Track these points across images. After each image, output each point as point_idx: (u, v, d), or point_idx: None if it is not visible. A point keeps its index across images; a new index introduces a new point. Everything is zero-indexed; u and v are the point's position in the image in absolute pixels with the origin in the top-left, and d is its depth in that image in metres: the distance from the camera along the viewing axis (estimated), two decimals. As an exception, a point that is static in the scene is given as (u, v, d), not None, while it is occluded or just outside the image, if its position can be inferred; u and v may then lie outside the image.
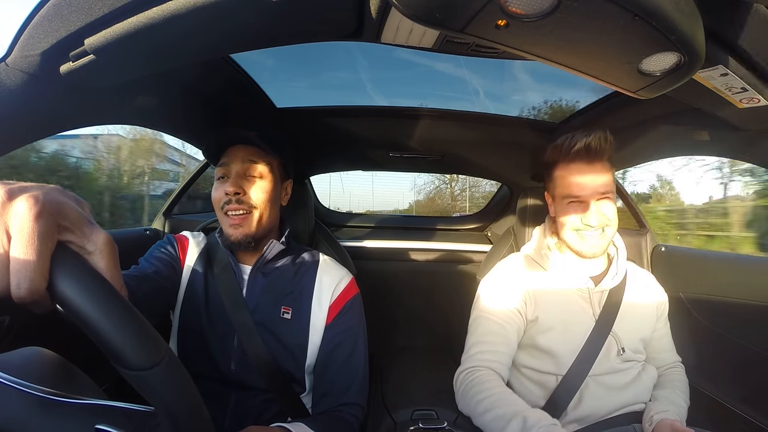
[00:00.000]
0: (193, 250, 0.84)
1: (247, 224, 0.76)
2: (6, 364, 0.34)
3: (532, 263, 0.95)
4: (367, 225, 1.81)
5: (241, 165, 0.78)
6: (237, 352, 0.75)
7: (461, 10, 0.39)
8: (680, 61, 0.45)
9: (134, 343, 0.31)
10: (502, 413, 0.72)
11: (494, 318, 0.88)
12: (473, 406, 0.78)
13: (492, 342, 0.86)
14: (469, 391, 0.80)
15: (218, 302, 0.77)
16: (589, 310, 0.87)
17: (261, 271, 0.81)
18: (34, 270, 0.27)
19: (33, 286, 0.27)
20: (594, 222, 0.83)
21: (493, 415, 0.73)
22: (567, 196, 0.86)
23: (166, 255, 0.80)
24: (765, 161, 0.83)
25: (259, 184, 0.78)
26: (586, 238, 0.85)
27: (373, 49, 0.97)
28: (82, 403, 0.34)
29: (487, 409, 0.75)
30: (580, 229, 0.85)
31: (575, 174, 0.85)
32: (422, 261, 1.69)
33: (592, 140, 0.82)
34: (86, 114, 0.70)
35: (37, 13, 0.47)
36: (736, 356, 0.97)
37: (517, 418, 0.70)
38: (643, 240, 1.24)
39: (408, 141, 1.26)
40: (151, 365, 0.31)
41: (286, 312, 0.78)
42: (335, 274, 0.85)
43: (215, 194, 0.78)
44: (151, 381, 0.32)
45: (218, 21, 0.49)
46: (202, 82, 0.85)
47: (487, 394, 0.77)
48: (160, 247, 0.82)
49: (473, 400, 0.78)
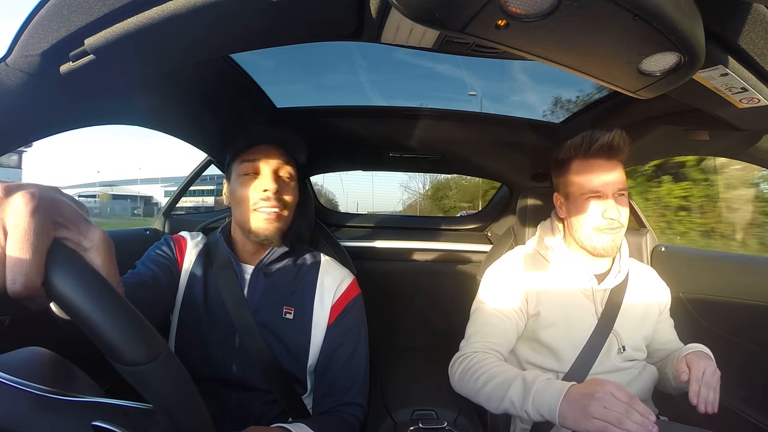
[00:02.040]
0: (192, 251, 0.83)
1: (280, 220, 0.77)
2: (6, 364, 0.34)
3: (536, 260, 0.95)
4: (367, 225, 1.81)
5: (276, 163, 0.78)
6: (238, 353, 0.75)
7: (461, 10, 0.39)
8: (680, 61, 0.45)
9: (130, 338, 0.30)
10: (502, 380, 0.74)
11: (494, 311, 0.88)
12: (472, 384, 0.78)
13: (490, 333, 0.87)
14: (467, 371, 0.81)
15: (219, 302, 0.77)
16: (592, 308, 0.87)
17: (263, 272, 0.80)
18: (29, 265, 0.27)
19: (28, 281, 0.27)
20: (615, 215, 0.82)
21: (492, 384, 0.74)
22: (587, 192, 0.85)
23: (163, 258, 0.80)
24: (765, 161, 0.83)
25: (290, 186, 0.80)
26: (608, 233, 0.84)
27: (373, 51, 0.97)
28: (79, 400, 0.33)
29: (486, 381, 0.76)
30: (600, 225, 0.84)
31: (595, 170, 0.84)
32: (422, 261, 1.69)
33: (614, 137, 0.82)
34: (86, 114, 0.70)
35: (37, 13, 0.47)
36: (736, 356, 0.97)
37: (517, 379, 0.71)
38: (643, 240, 1.24)
39: (408, 141, 1.26)
40: (148, 360, 0.31)
41: (288, 312, 0.78)
42: (337, 274, 0.85)
43: (243, 191, 0.76)
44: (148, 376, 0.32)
45: (218, 21, 0.49)
46: (202, 82, 0.85)
47: (486, 369, 0.78)
48: (156, 249, 0.82)
49: (472, 378, 0.78)
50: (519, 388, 0.70)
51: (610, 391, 0.60)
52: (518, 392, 0.70)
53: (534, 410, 0.67)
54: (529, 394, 0.68)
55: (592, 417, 0.58)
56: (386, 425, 0.99)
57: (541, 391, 0.67)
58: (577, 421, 0.60)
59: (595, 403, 0.59)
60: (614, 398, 0.59)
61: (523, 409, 0.68)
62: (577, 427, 0.61)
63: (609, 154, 0.84)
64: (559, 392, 0.65)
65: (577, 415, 0.61)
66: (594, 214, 0.84)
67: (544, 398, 0.66)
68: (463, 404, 1.07)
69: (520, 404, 0.69)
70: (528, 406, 0.67)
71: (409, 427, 0.94)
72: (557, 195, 0.94)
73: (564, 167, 0.90)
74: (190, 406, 0.36)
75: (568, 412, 0.62)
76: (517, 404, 0.69)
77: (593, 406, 0.59)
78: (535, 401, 0.67)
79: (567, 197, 0.90)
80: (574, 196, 0.87)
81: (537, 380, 0.69)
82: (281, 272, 0.82)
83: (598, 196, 0.84)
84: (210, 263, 0.81)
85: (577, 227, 0.88)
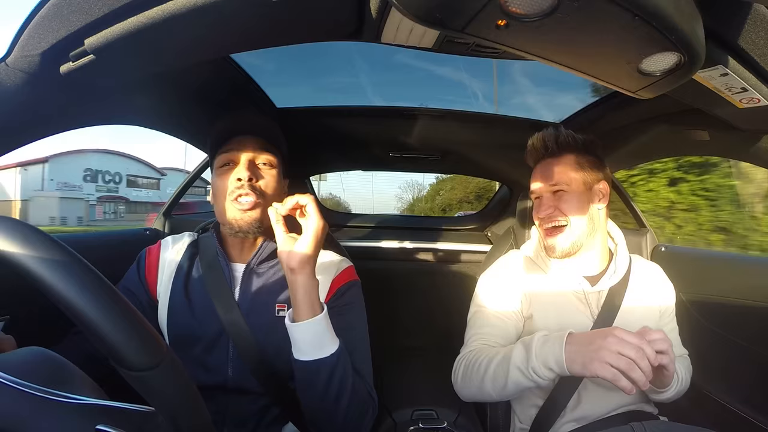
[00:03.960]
0: (173, 256, 0.80)
1: (257, 210, 0.73)
2: (6, 364, 0.34)
3: (531, 264, 0.94)
4: (367, 225, 1.81)
5: (252, 152, 0.75)
6: (233, 356, 0.73)
7: (461, 10, 0.39)
8: (680, 61, 0.45)
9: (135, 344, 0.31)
10: (502, 356, 0.74)
11: (493, 313, 0.88)
12: (475, 375, 0.77)
13: (491, 334, 0.86)
14: (468, 368, 0.80)
15: (208, 305, 0.74)
16: (587, 311, 0.86)
17: (254, 271, 0.78)
18: None
19: None
20: (541, 214, 0.85)
21: (494, 364, 0.74)
22: (531, 193, 0.90)
23: (133, 286, 0.77)
24: (765, 161, 0.83)
25: (269, 172, 0.77)
26: (550, 234, 0.86)
27: (374, 53, 0.97)
28: (82, 402, 0.34)
29: (487, 365, 0.75)
30: (540, 225, 0.88)
31: (535, 172, 0.90)
32: (422, 261, 1.69)
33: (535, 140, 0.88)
34: (86, 114, 0.70)
35: (37, 13, 0.47)
36: (736, 356, 0.97)
37: (516, 346, 0.72)
38: (643, 240, 1.24)
39: (408, 141, 1.26)
40: (152, 366, 0.31)
41: (281, 309, 0.76)
42: (331, 262, 0.84)
43: (220, 182, 0.74)
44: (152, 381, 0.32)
45: (218, 21, 0.49)
46: (203, 83, 0.85)
47: (484, 355, 0.78)
48: (128, 277, 0.79)
49: (473, 370, 0.78)
50: (520, 352, 0.70)
51: (620, 336, 0.61)
52: (520, 355, 0.70)
53: (541, 365, 0.67)
54: (531, 351, 0.68)
55: (604, 363, 0.59)
56: (386, 425, 0.99)
57: (541, 344, 0.68)
58: (586, 365, 0.61)
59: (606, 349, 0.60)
60: (626, 342, 0.60)
61: (529, 369, 0.68)
62: (586, 372, 0.62)
63: (540, 154, 0.88)
64: (560, 340, 0.66)
65: (586, 359, 0.61)
66: (535, 214, 0.89)
67: (546, 350, 0.67)
68: (463, 404, 1.07)
69: (525, 366, 0.68)
70: (533, 363, 0.67)
71: (409, 427, 0.94)
72: None
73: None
74: (193, 411, 0.36)
75: (576, 356, 0.63)
76: (523, 367, 0.69)
77: (604, 352, 0.60)
78: (538, 356, 0.67)
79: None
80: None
81: (534, 337, 0.70)
82: (273, 270, 0.79)
83: (535, 196, 0.89)
84: (198, 263, 0.79)
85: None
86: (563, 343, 0.65)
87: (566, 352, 0.64)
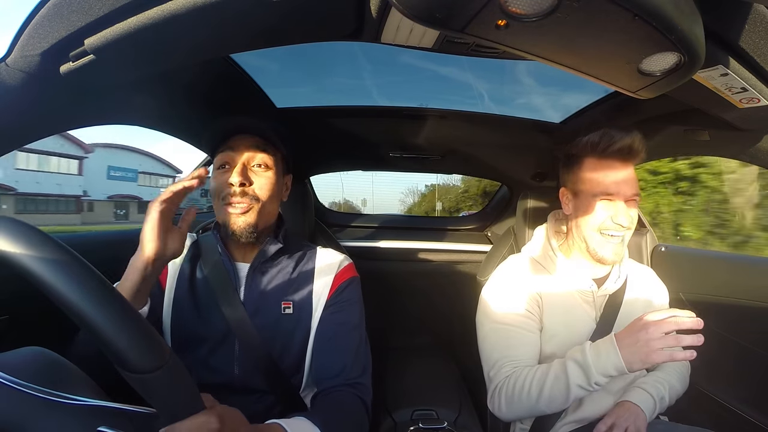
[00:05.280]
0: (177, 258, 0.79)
1: (250, 215, 0.73)
2: (6, 364, 0.34)
3: (537, 266, 0.92)
4: (367, 225, 1.81)
5: (247, 154, 0.75)
6: (239, 356, 0.73)
7: (461, 10, 0.39)
8: (680, 61, 0.45)
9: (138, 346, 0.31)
10: (553, 377, 0.75)
11: (516, 330, 0.85)
12: (526, 400, 0.77)
13: (516, 355, 0.83)
14: (512, 395, 0.79)
15: (213, 304, 0.74)
16: (592, 313, 0.86)
17: (260, 271, 0.78)
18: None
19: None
20: (625, 222, 0.80)
21: (548, 386, 0.75)
22: (599, 193, 0.82)
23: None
24: (765, 161, 0.83)
25: (264, 176, 0.76)
26: (611, 241, 0.82)
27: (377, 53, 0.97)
28: (83, 404, 0.33)
29: (540, 388, 0.75)
30: (607, 229, 0.82)
31: (610, 171, 0.81)
32: (422, 261, 1.69)
33: (634, 141, 0.80)
34: (86, 114, 0.70)
35: (37, 13, 0.47)
36: (736, 356, 0.97)
37: (569, 366, 0.73)
38: (643, 240, 1.24)
39: (408, 141, 1.26)
40: (155, 368, 0.31)
41: (287, 307, 0.76)
42: (333, 259, 0.84)
43: (215, 183, 0.74)
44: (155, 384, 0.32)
45: (218, 21, 0.49)
46: (203, 83, 0.85)
47: (531, 379, 0.77)
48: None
49: (523, 395, 0.77)
50: (576, 371, 0.72)
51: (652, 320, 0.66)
52: (578, 374, 0.72)
53: (601, 377, 0.70)
54: (589, 368, 0.70)
55: (658, 349, 0.64)
56: (386, 425, 0.99)
57: (596, 358, 0.70)
58: (644, 360, 0.65)
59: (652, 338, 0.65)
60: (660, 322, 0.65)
61: (592, 384, 0.71)
62: (647, 365, 0.67)
63: (626, 157, 0.81)
64: (613, 348, 0.69)
65: (641, 355, 0.66)
66: (602, 215, 0.82)
67: (602, 361, 0.70)
68: (463, 404, 1.07)
69: (587, 383, 0.71)
70: (595, 378, 0.70)
71: (409, 427, 0.94)
72: (565, 190, 0.90)
73: (576, 163, 0.86)
74: (195, 412, 0.36)
75: (631, 357, 0.67)
76: (584, 384, 0.71)
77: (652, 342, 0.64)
78: (598, 369, 0.70)
79: (576, 195, 0.86)
80: (584, 195, 0.84)
81: (586, 354, 0.72)
82: (279, 268, 0.80)
83: (609, 198, 0.82)
84: (201, 263, 0.79)
85: (583, 226, 0.85)
86: (618, 352, 0.68)
87: (623, 358, 0.67)
